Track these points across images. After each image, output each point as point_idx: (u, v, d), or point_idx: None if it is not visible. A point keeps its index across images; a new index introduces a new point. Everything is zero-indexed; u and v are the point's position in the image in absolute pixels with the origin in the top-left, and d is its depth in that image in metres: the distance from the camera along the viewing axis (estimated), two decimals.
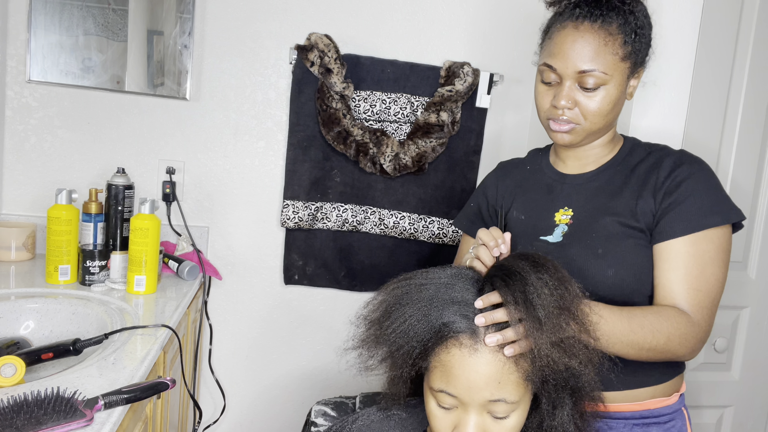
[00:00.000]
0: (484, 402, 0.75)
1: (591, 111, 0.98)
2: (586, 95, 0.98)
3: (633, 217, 0.99)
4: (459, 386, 0.75)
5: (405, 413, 0.94)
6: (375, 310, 0.85)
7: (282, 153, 1.74)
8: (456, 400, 0.77)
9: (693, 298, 0.94)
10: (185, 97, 1.67)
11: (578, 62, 0.96)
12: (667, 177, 0.99)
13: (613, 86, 0.97)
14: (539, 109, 1.05)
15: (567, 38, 0.97)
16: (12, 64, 1.60)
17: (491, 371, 0.75)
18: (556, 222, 1.06)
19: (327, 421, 1.11)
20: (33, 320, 1.26)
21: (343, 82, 1.62)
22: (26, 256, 1.54)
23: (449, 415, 0.78)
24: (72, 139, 1.66)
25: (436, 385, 0.78)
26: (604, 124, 1.01)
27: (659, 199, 0.98)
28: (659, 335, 0.90)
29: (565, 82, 0.98)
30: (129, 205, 1.53)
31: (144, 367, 1.01)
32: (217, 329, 1.79)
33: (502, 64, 1.79)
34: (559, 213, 1.06)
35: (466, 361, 0.75)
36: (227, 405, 1.82)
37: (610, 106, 0.99)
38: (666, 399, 1.03)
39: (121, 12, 1.59)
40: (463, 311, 0.77)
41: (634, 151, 1.07)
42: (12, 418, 0.77)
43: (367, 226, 1.74)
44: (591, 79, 0.96)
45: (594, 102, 0.98)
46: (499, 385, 0.75)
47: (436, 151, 1.69)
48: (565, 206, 1.07)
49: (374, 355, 0.85)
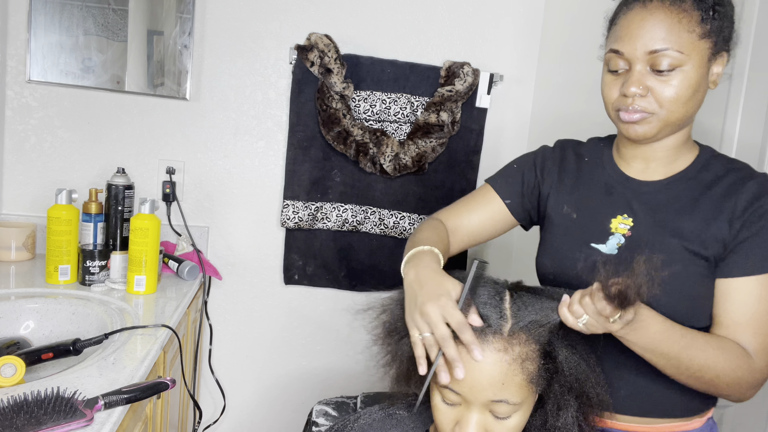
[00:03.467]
0: (486, 401, 0.76)
1: (667, 97, 0.85)
2: (661, 79, 0.84)
3: (701, 244, 0.87)
4: (463, 385, 0.76)
5: (406, 412, 0.94)
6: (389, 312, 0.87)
7: (282, 153, 1.74)
8: (460, 398, 0.78)
9: (760, 342, 0.84)
10: (185, 97, 1.67)
11: (648, 42, 0.84)
12: (749, 206, 0.86)
13: (692, 69, 0.84)
14: (606, 101, 0.92)
15: (635, 18, 0.86)
16: (12, 64, 1.60)
17: (495, 372, 0.75)
18: (612, 230, 0.94)
19: (328, 420, 1.11)
20: (33, 320, 1.26)
21: (343, 82, 1.62)
22: (26, 256, 1.54)
23: (453, 410, 0.79)
24: (72, 139, 1.66)
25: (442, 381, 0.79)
26: (683, 115, 0.86)
27: (735, 230, 0.86)
28: (709, 369, 0.82)
29: (635, 66, 0.86)
30: (129, 205, 1.53)
31: (144, 367, 1.01)
32: (217, 329, 1.79)
33: (502, 64, 1.79)
34: (616, 219, 0.94)
35: (471, 361, 0.75)
36: (227, 405, 1.82)
37: (690, 92, 0.85)
38: (686, 423, 0.95)
39: (121, 12, 1.59)
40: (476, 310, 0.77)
41: (710, 165, 0.93)
42: (12, 418, 0.77)
43: (367, 226, 1.74)
44: (665, 60, 0.83)
45: (670, 87, 0.84)
46: (503, 387, 0.75)
47: (436, 151, 1.69)
48: (625, 213, 0.94)
49: (389, 353, 0.86)
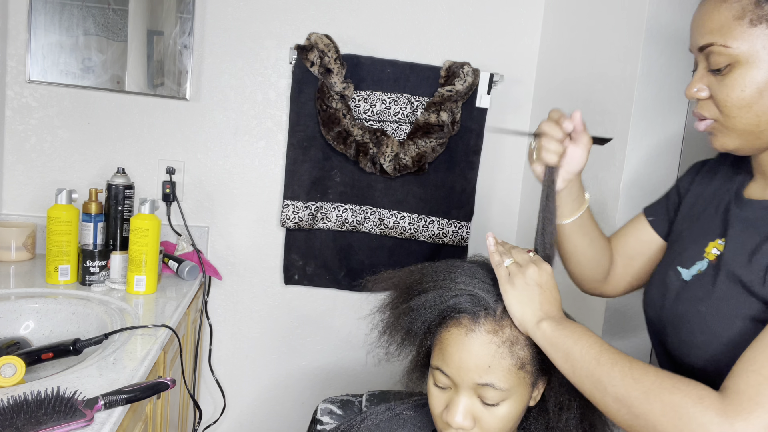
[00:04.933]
0: (473, 384, 0.76)
1: (723, 100, 0.72)
2: (717, 79, 0.73)
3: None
4: (451, 365, 0.77)
5: (413, 412, 0.94)
6: (394, 292, 0.87)
7: (282, 153, 1.74)
8: (449, 381, 0.78)
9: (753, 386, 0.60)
10: (185, 97, 1.67)
11: (697, 36, 0.74)
12: None
13: (753, 65, 0.70)
14: None
15: (696, 10, 0.76)
16: (12, 64, 1.60)
17: (483, 353, 0.75)
18: (705, 254, 0.79)
19: (333, 419, 1.11)
20: (33, 320, 1.26)
21: (343, 82, 1.62)
22: (26, 256, 1.54)
23: (444, 394, 0.80)
24: (72, 139, 1.66)
25: (434, 362, 0.80)
26: (750, 122, 0.72)
27: None
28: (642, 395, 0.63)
29: (700, 64, 0.75)
30: (129, 205, 1.53)
31: (144, 367, 1.01)
32: (217, 329, 1.79)
33: (502, 64, 1.80)
34: (714, 243, 0.79)
35: (461, 340, 0.76)
36: (227, 405, 1.82)
37: (753, 93, 0.70)
38: None
39: (121, 12, 1.59)
40: (469, 291, 0.78)
41: None
42: (12, 418, 0.77)
43: (367, 226, 1.74)
44: (714, 57, 0.72)
45: (726, 87, 0.72)
46: (489, 369, 0.75)
47: (436, 151, 1.69)
48: (722, 237, 0.78)
49: (394, 341, 0.86)
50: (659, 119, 1.39)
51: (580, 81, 1.58)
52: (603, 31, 1.50)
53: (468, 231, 1.78)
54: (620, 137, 1.40)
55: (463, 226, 1.77)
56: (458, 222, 1.77)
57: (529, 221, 1.82)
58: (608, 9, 1.49)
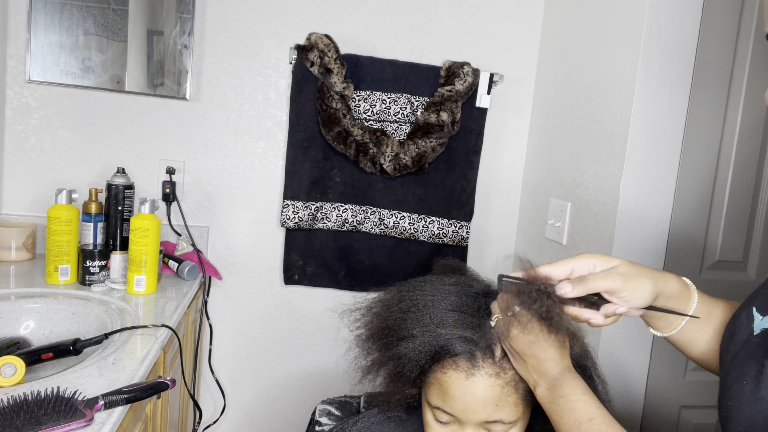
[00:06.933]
0: (481, 422, 0.75)
1: None
2: None
3: None
4: (456, 407, 0.75)
5: (405, 414, 0.94)
6: (376, 322, 0.85)
7: (282, 153, 1.74)
8: (452, 417, 0.76)
9: None
10: (185, 97, 1.67)
11: None
12: None
13: None
14: None
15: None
16: (12, 64, 1.60)
17: (489, 395, 0.73)
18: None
19: (331, 420, 1.11)
20: (33, 320, 1.26)
21: (343, 82, 1.62)
22: (26, 256, 1.54)
23: (446, 429, 0.78)
24: (72, 139, 1.66)
25: (432, 401, 0.78)
26: None
27: None
28: None
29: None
30: (129, 205, 1.53)
31: (144, 367, 1.01)
32: (217, 329, 1.79)
33: (502, 64, 1.80)
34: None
35: (463, 384, 0.74)
36: (227, 405, 1.82)
37: None
38: None
39: (121, 12, 1.59)
40: (460, 334, 0.75)
41: None
42: (12, 418, 0.77)
43: (367, 226, 1.74)
44: None
45: None
46: (497, 408, 0.74)
47: (436, 151, 1.69)
48: None
49: (379, 377, 0.84)
50: (659, 119, 1.39)
51: (580, 81, 1.58)
52: (603, 31, 1.50)
53: (468, 231, 1.78)
54: (620, 137, 1.40)
55: (463, 226, 1.77)
56: (458, 222, 1.77)
57: (529, 221, 1.82)
58: (608, 9, 1.49)
